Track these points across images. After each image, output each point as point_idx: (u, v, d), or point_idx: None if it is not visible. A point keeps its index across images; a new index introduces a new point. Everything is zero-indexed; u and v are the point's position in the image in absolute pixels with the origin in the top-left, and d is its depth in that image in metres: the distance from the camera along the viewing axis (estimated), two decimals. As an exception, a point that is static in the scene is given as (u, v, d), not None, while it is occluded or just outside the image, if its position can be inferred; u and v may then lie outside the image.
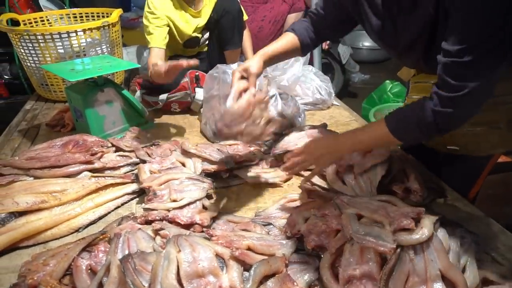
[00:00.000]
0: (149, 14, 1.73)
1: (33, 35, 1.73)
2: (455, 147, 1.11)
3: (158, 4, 1.72)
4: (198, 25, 1.85)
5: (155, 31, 1.72)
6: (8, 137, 1.61)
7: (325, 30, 1.14)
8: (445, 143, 1.13)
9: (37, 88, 2.00)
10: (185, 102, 1.71)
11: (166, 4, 1.75)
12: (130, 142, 1.40)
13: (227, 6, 1.79)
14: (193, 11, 1.82)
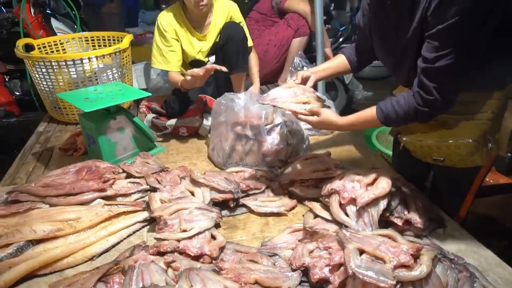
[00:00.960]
0: (161, 37, 1.82)
1: (48, 61, 1.81)
2: (440, 158, 1.18)
3: (167, 26, 1.81)
4: (202, 49, 1.92)
5: (168, 56, 1.83)
6: (23, 160, 1.67)
7: (364, 49, 1.35)
8: (431, 153, 1.20)
9: (50, 110, 2.07)
10: (193, 127, 1.77)
11: (174, 25, 1.83)
12: (141, 168, 1.46)
13: (232, 33, 1.86)
14: (199, 34, 1.89)
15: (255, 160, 1.48)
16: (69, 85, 1.89)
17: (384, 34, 1.19)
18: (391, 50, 1.18)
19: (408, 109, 1.04)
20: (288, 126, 1.53)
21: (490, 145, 1.12)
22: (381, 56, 1.27)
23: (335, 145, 1.72)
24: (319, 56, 2.18)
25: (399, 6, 1.07)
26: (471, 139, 1.09)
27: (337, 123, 1.17)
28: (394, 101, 1.07)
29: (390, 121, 1.09)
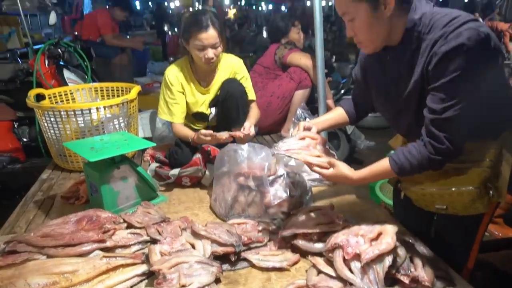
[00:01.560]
0: (167, 90, 1.89)
1: (57, 111, 1.86)
2: (443, 206, 1.18)
3: (174, 79, 1.88)
4: (205, 102, 1.97)
5: (173, 108, 1.88)
6: (24, 208, 1.66)
7: (361, 101, 1.42)
8: (433, 201, 1.20)
9: (55, 158, 2.10)
10: (196, 177, 1.77)
11: (180, 78, 1.89)
12: (142, 218, 1.44)
13: (231, 89, 1.89)
14: (203, 88, 1.94)
15: (257, 211, 1.46)
16: (76, 134, 1.93)
17: (383, 87, 1.24)
18: (390, 102, 1.23)
19: (421, 159, 1.06)
20: (291, 178, 1.53)
21: (491, 192, 1.12)
22: (380, 107, 1.32)
23: (338, 197, 1.71)
24: (321, 107, 2.24)
25: (399, 61, 1.13)
26: (473, 186, 1.11)
27: (351, 177, 1.16)
28: (406, 151, 1.09)
29: (405, 172, 1.10)
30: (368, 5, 1.03)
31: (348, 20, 1.10)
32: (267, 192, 1.46)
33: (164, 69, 1.96)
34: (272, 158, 1.57)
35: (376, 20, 1.05)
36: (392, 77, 1.18)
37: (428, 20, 1.04)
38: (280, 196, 1.45)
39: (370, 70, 1.30)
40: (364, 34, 1.10)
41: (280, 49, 2.54)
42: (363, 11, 1.05)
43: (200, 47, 1.74)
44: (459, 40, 0.94)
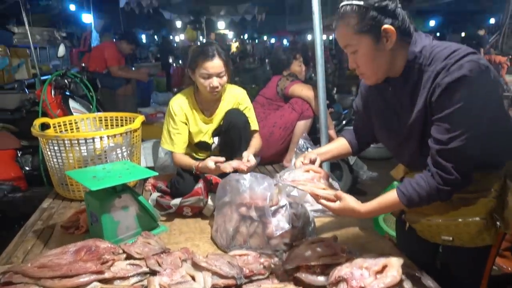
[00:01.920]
0: (171, 120, 1.90)
1: (61, 139, 1.88)
2: (449, 237, 1.16)
3: (178, 110, 1.90)
4: (208, 131, 1.99)
5: (175, 138, 1.89)
6: (23, 238, 1.64)
7: (363, 132, 1.44)
8: (439, 233, 1.18)
9: (57, 186, 2.09)
10: (197, 207, 1.75)
11: (185, 109, 1.91)
12: (141, 248, 1.41)
13: (233, 119, 1.92)
14: (207, 118, 1.96)
15: (259, 242, 1.44)
16: (79, 163, 1.94)
17: (385, 118, 1.26)
18: (393, 132, 1.24)
19: (430, 190, 1.06)
20: (293, 208, 1.51)
21: (498, 223, 1.11)
22: (383, 138, 1.33)
23: (341, 228, 1.68)
24: (323, 138, 2.25)
25: (400, 92, 1.15)
26: (480, 217, 1.10)
27: (359, 211, 1.14)
28: (414, 183, 1.08)
29: (414, 203, 1.09)
30: (371, 38, 1.07)
31: (350, 52, 1.13)
32: (269, 223, 1.44)
33: (168, 99, 2.00)
34: (274, 188, 1.56)
35: (378, 53, 1.08)
36: (394, 108, 1.20)
37: (429, 52, 1.07)
38: (283, 227, 1.43)
39: (371, 101, 1.32)
40: (366, 66, 1.13)
41: (282, 80, 2.59)
42: (366, 44, 1.08)
43: (206, 75, 1.78)
44: (462, 72, 0.97)
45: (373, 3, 1.05)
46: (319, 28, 2.12)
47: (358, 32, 1.07)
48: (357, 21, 1.06)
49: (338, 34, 1.13)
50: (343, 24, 1.10)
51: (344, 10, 1.09)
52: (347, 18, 1.08)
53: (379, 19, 1.05)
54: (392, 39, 1.06)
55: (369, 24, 1.05)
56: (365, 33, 1.06)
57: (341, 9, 1.10)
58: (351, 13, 1.07)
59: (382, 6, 1.04)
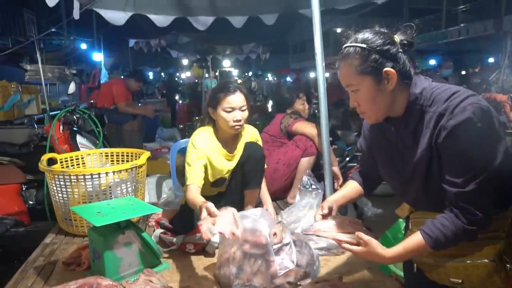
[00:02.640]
0: (193, 153, 1.81)
1: (67, 175, 1.90)
2: (458, 280, 1.13)
3: (200, 144, 1.83)
4: (230, 168, 1.97)
5: (194, 171, 1.76)
6: (23, 274, 1.62)
7: (370, 171, 1.44)
8: (448, 275, 1.15)
9: (60, 221, 2.09)
10: (200, 243, 1.74)
11: (207, 143, 1.87)
12: (143, 287, 1.39)
13: (252, 152, 1.96)
14: (228, 154, 1.95)
15: (263, 281, 1.41)
16: (84, 198, 1.95)
17: (388, 157, 1.28)
18: (396, 172, 1.25)
19: (456, 230, 1.05)
20: (297, 246, 1.50)
21: (508, 266, 1.09)
22: (387, 177, 1.34)
23: (346, 267, 1.65)
24: (327, 174, 2.26)
25: (402, 132, 1.18)
26: (488, 259, 1.08)
27: (384, 256, 1.12)
28: (438, 224, 1.07)
29: (440, 245, 1.08)
30: (372, 79, 1.11)
31: (351, 90, 1.17)
32: (272, 261, 1.42)
33: (173, 135, 2.04)
34: (278, 225, 1.56)
35: (379, 93, 1.12)
36: (397, 147, 1.22)
37: (429, 94, 1.11)
38: (286, 266, 1.41)
39: (374, 141, 1.34)
40: (367, 105, 1.16)
41: (285, 118, 2.64)
42: (367, 84, 1.12)
43: (229, 109, 1.81)
44: (466, 114, 1.00)
45: (375, 47, 1.09)
46: (322, 67, 2.20)
47: (360, 73, 1.11)
48: (360, 62, 1.10)
49: (341, 74, 1.18)
50: (345, 64, 1.14)
51: (347, 51, 1.14)
52: (350, 59, 1.12)
53: (380, 61, 1.09)
54: (392, 81, 1.10)
55: (371, 66, 1.10)
56: (367, 74, 1.11)
57: (345, 50, 1.15)
58: (354, 54, 1.11)
59: (384, 50, 1.09)
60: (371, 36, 1.12)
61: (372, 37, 1.11)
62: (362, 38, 1.12)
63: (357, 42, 1.12)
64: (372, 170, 1.42)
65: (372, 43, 1.10)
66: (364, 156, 1.46)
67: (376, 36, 1.11)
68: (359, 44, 1.11)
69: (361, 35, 1.13)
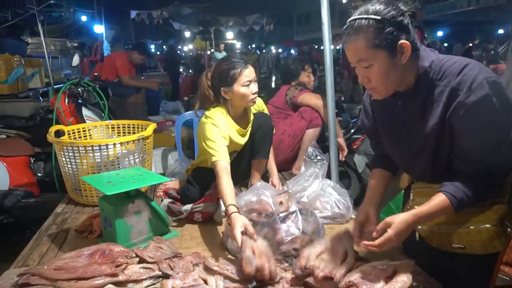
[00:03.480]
0: (216, 131, 1.75)
1: (76, 146, 1.93)
2: (460, 245, 1.18)
3: (220, 121, 1.80)
4: (243, 143, 2.00)
5: (223, 147, 1.71)
6: (38, 241, 1.67)
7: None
8: (450, 241, 1.19)
9: (70, 192, 2.13)
10: (208, 212, 1.78)
11: (224, 122, 1.84)
12: (154, 253, 1.44)
13: (262, 122, 2.03)
14: (242, 130, 1.97)
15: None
16: (92, 169, 1.98)
17: (393, 131, 1.27)
18: (402, 146, 1.25)
19: (477, 194, 1.08)
20: (303, 214, 1.53)
21: (509, 229, 1.13)
22: (392, 151, 1.33)
23: (350, 235, 1.69)
24: (332, 146, 2.27)
25: (410, 106, 1.16)
26: (491, 224, 1.12)
27: (412, 220, 1.11)
28: (461, 186, 1.09)
29: (463, 206, 1.10)
30: (387, 53, 1.06)
31: (363, 66, 1.10)
32: (279, 229, 1.46)
33: (177, 108, 2.05)
34: (284, 195, 1.58)
35: (393, 68, 1.08)
36: (403, 121, 1.21)
37: (438, 67, 1.09)
38: (293, 233, 1.45)
39: (378, 116, 1.32)
40: (379, 81, 1.11)
41: (291, 90, 2.63)
42: (381, 59, 1.06)
43: (247, 82, 1.81)
44: (484, 90, 1.00)
45: (389, 18, 1.04)
46: (329, 38, 2.16)
47: (373, 47, 1.05)
48: (374, 35, 1.04)
49: (351, 49, 1.10)
50: (357, 38, 1.07)
51: (358, 24, 1.06)
52: (362, 33, 1.06)
53: (396, 33, 1.04)
54: (407, 54, 1.06)
55: (386, 39, 1.04)
56: (381, 48, 1.05)
57: (355, 22, 1.07)
58: (367, 27, 1.05)
59: (397, 21, 1.05)
60: (383, 7, 1.06)
61: (385, 8, 1.05)
62: (374, 9, 1.06)
63: (369, 13, 1.06)
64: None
65: (386, 14, 1.04)
66: (373, 136, 1.41)
67: (389, 7, 1.06)
68: (372, 15, 1.05)
69: (372, 6, 1.07)
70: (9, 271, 1.40)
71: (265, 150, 2.05)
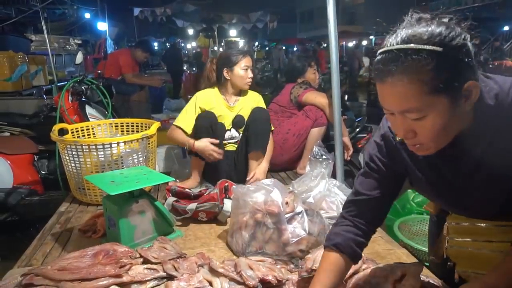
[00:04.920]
0: (191, 104, 2.23)
1: (79, 145, 1.91)
2: None
3: (202, 96, 2.23)
4: (229, 117, 2.27)
5: (184, 115, 2.22)
6: (42, 241, 1.67)
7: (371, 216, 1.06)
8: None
9: (74, 191, 2.12)
10: (212, 212, 1.76)
11: (210, 95, 2.25)
12: (158, 253, 1.43)
13: (257, 116, 2.22)
14: (229, 106, 2.28)
15: (275, 249, 1.44)
16: (96, 167, 1.97)
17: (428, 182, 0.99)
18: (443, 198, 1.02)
19: None
20: (309, 215, 1.51)
21: None
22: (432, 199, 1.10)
23: (356, 236, 1.67)
24: (337, 145, 2.25)
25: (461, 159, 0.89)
26: None
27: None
28: None
29: None
30: (449, 99, 0.75)
31: (414, 118, 0.78)
32: (284, 230, 1.44)
33: (180, 106, 2.07)
34: (289, 195, 1.56)
35: (453, 117, 0.77)
36: (448, 175, 0.92)
37: (508, 103, 0.80)
38: (298, 234, 1.43)
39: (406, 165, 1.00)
40: (431, 137, 0.80)
41: (295, 88, 2.60)
42: (441, 107, 0.75)
43: (245, 67, 2.21)
44: None
45: (454, 48, 0.73)
46: (335, 36, 2.13)
47: (433, 93, 0.74)
48: (434, 75, 0.72)
49: (395, 94, 0.77)
50: (407, 80, 0.74)
51: (407, 57, 0.73)
52: (416, 72, 0.73)
53: (463, 72, 0.75)
54: (474, 98, 0.77)
55: (450, 80, 0.73)
56: (441, 93, 0.74)
57: (401, 55, 0.74)
58: (424, 64, 0.72)
59: (464, 52, 0.74)
60: (444, 32, 0.73)
61: (446, 34, 0.73)
62: (430, 34, 0.73)
63: (422, 41, 0.73)
64: (376, 205, 1.04)
65: (451, 43, 0.73)
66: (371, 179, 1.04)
67: (451, 31, 0.74)
68: (431, 46, 0.72)
69: (424, 28, 0.75)
70: (12, 271, 1.39)
71: (261, 142, 2.20)
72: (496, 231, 0.94)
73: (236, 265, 1.27)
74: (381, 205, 1.06)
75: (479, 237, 0.96)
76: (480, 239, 0.97)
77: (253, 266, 1.26)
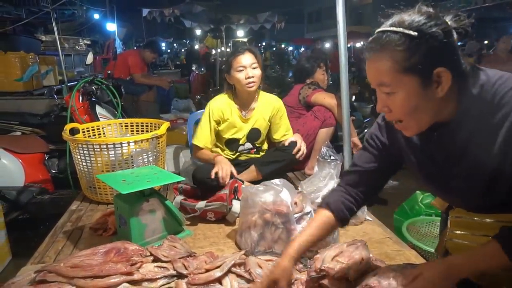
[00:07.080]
0: (205, 117, 2.13)
1: (91, 144, 1.94)
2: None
3: (215, 108, 2.12)
4: (243, 129, 2.18)
5: (201, 132, 2.13)
6: (54, 238, 1.69)
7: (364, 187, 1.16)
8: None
9: (85, 189, 2.15)
10: (221, 212, 1.77)
11: (223, 105, 2.14)
12: (168, 252, 1.44)
13: (287, 157, 2.16)
14: (244, 118, 2.18)
15: (284, 248, 1.44)
16: (107, 167, 1.99)
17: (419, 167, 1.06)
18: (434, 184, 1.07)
19: None
20: (318, 215, 1.51)
21: None
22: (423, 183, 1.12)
23: (365, 237, 1.67)
24: (346, 145, 2.25)
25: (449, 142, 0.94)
26: None
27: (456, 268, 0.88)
28: None
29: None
30: (418, 81, 0.83)
31: (384, 92, 0.88)
32: (293, 230, 1.45)
33: (188, 106, 2.09)
34: (298, 195, 1.57)
35: (423, 100, 0.85)
36: (434, 159, 0.98)
37: (491, 94, 0.85)
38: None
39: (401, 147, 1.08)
40: (401, 113, 0.89)
41: (304, 89, 2.61)
42: (409, 87, 0.84)
43: (240, 68, 2.00)
44: None
45: (429, 35, 0.81)
46: (344, 36, 2.14)
47: (401, 71, 0.83)
48: (405, 56, 0.82)
49: (372, 67, 0.88)
50: (382, 57, 0.85)
51: (387, 38, 0.84)
52: (390, 50, 0.83)
53: (434, 58, 0.82)
54: (444, 87, 0.84)
55: (420, 63, 0.82)
56: (411, 74, 0.83)
57: (383, 35, 0.85)
58: (397, 44, 0.82)
59: (439, 40, 0.81)
60: (423, 20, 0.82)
61: (426, 21, 0.82)
62: (411, 21, 0.83)
63: (403, 26, 0.83)
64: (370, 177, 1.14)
65: (426, 30, 0.81)
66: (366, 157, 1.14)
67: (432, 20, 0.82)
68: (407, 30, 0.81)
69: (410, 16, 0.84)
70: (26, 268, 1.42)
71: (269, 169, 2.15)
72: (494, 226, 0.95)
73: (246, 263, 1.28)
74: (375, 178, 1.16)
75: (477, 231, 1.00)
76: (478, 233, 1.01)
77: (262, 265, 1.28)
